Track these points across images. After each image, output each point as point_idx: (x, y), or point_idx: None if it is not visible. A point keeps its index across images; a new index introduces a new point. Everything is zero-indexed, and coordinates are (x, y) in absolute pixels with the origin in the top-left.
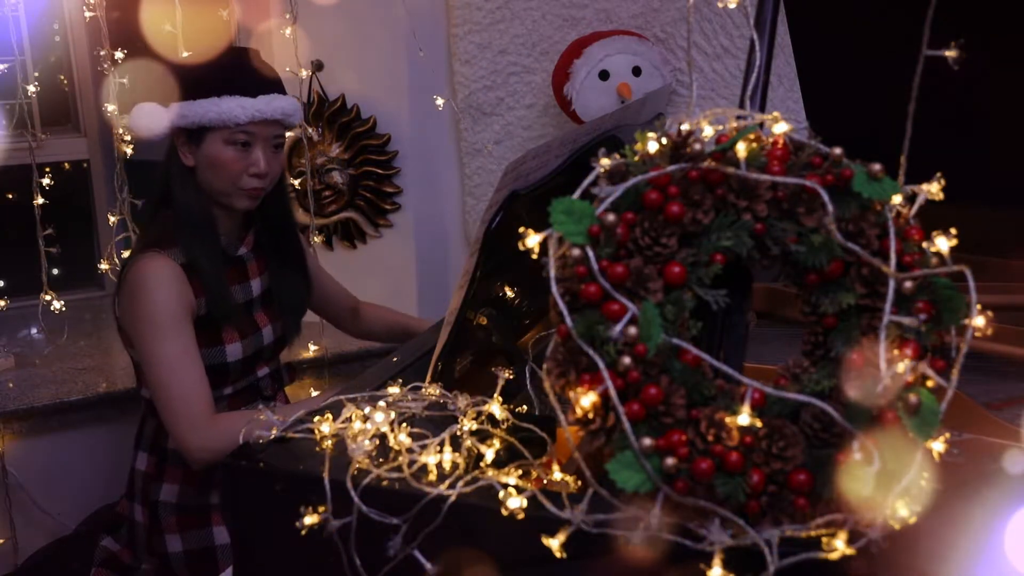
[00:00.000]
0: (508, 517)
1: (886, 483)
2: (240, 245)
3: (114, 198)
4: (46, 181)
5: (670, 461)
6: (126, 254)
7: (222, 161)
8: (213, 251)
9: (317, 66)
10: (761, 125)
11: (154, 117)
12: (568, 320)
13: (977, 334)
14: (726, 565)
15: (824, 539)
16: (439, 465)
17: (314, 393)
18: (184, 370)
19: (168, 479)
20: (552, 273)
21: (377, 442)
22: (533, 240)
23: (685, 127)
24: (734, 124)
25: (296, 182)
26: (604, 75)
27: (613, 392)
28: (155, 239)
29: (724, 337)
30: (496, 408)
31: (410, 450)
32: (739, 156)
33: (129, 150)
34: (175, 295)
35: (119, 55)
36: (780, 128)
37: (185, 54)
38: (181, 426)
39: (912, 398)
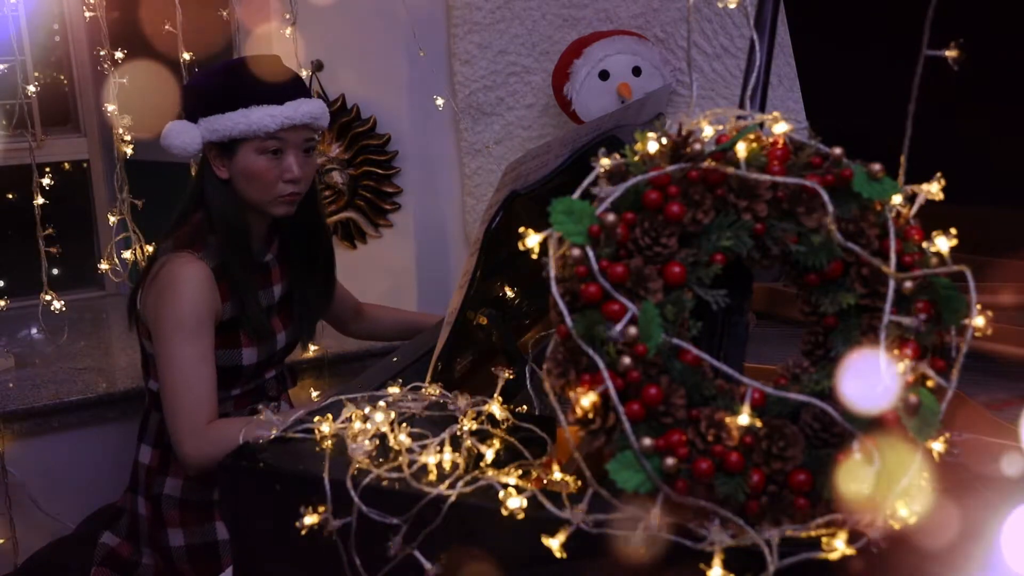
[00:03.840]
0: (508, 517)
1: (886, 483)
2: (267, 251)
3: (114, 198)
4: (46, 181)
5: (670, 461)
6: (126, 254)
7: (256, 171)
8: (246, 261)
9: (317, 66)
10: (761, 125)
11: (186, 135)
12: (568, 320)
13: (977, 334)
14: (726, 565)
15: (824, 539)
16: (439, 465)
17: (314, 394)
18: (197, 376)
19: (172, 473)
20: (552, 273)
21: (377, 442)
22: (533, 240)
23: (685, 127)
24: (734, 124)
25: None
26: (604, 75)
27: (613, 392)
28: (188, 240)
29: (724, 337)
30: (496, 408)
31: (410, 450)
32: (739, 156)
33: (129, 150)
34: (204, 300)
35: (119, 55)
36: (780, 128)
37: (186, 55)
38: (184, 431)
39: (912, 398)
